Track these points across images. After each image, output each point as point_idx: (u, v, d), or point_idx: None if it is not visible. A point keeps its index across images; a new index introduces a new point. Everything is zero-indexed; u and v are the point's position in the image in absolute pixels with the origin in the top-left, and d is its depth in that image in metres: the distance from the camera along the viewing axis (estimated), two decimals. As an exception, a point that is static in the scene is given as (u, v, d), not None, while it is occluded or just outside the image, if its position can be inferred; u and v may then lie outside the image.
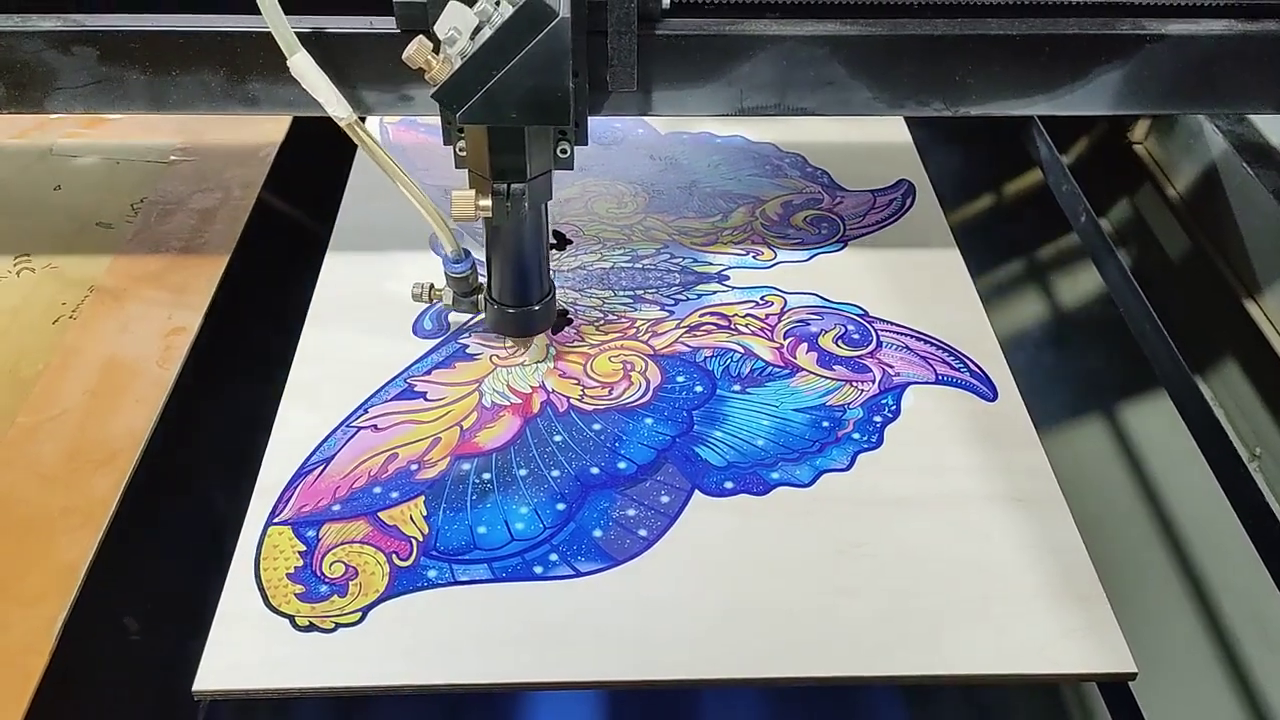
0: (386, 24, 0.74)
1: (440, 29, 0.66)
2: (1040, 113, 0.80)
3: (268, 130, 1.11)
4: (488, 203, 0.72)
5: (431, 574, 0.70)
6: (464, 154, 0.74)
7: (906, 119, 1.17)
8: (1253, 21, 0.76)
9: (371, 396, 0.83)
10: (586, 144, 0.76)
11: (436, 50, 0.67)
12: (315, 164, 1.09)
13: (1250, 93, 0.80)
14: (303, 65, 0.70)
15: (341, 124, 0.72)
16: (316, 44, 0.72)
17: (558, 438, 0.80)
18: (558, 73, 0.65)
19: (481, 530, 0.73)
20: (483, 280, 0.84)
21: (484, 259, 0.82)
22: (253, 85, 0.77)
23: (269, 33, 0.72)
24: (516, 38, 0.64)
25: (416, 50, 0.66)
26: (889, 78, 0.77)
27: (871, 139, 1.15)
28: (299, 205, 1.13)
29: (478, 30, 0.65)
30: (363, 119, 0.76)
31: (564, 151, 0.75)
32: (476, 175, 0.74)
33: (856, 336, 0.89)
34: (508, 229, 0.77)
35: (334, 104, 0.72)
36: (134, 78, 0.76)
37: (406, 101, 0.77)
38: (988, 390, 0.85)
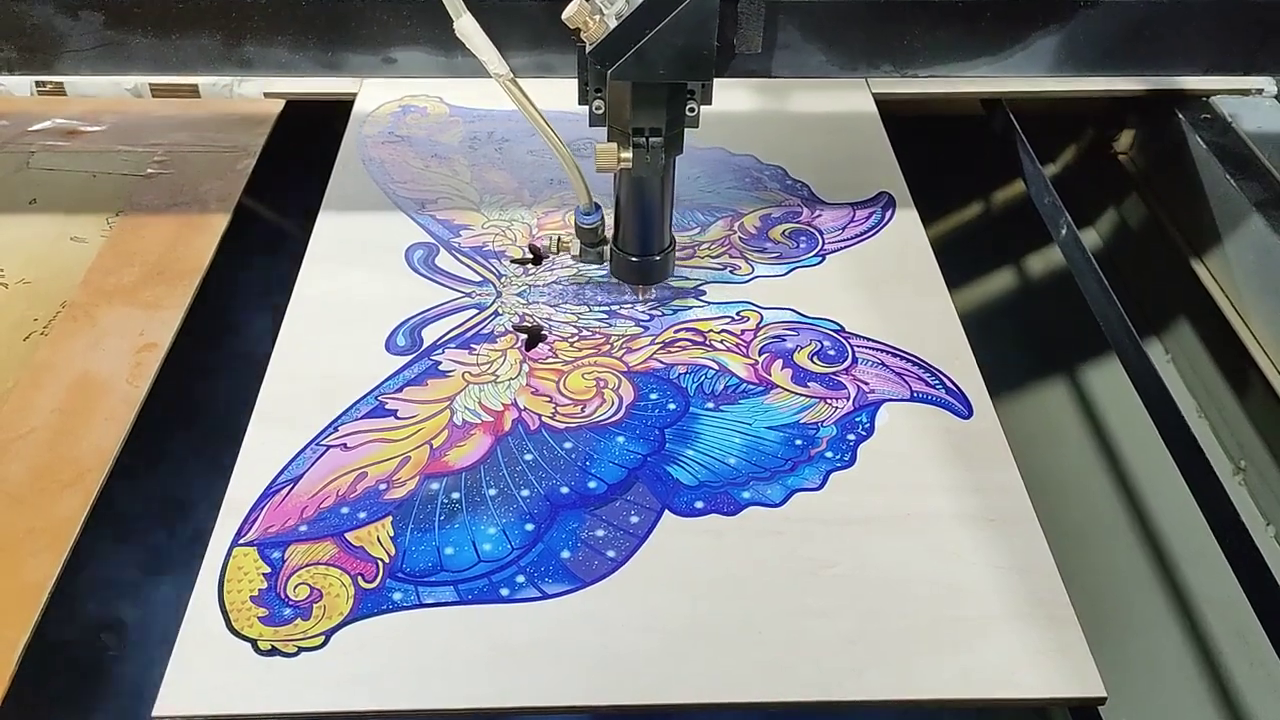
0: None
1: None
2: (984, 75, 0.84)
3: (244, 143, 1.11)
4: (628, 155, 0.79)
5: (397, 596, 0.70)
6: (600, 112, 0.81)
7: (888, 130, 1.16)
8: None
9: (342, 414, 0.82)
10: (711, 104, 0.79)
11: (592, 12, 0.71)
12: (291, 178, 1.09)
13: (1178, 56, 0.85)
14: (468, 27, 0.76)
15: (499, 81, 0.79)
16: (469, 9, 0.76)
17: (528, 456, 0.79)
18: (706, 32, 0.70)
19: (449, 551, 0.73)
20: (610, 232, 0.90)
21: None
22: (247, 49, 0.80)
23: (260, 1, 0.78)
24: None
25: (577, 11, 0.71)
26: (841, 42, 0.82)
27: (853, 150, 1.14)
28: (275, 219, 1.13)
29: None
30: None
31: (691, 110, 0.79)
32: (616, 130, 0.80)
33: (833, 353, 0.89)
34: (640, 182, 0.83)
35: (494, 63, 0.78)
36: (137, 41, 0.80)
37: (544, 63, 0.83)
38: (963, 407, 0.84)
